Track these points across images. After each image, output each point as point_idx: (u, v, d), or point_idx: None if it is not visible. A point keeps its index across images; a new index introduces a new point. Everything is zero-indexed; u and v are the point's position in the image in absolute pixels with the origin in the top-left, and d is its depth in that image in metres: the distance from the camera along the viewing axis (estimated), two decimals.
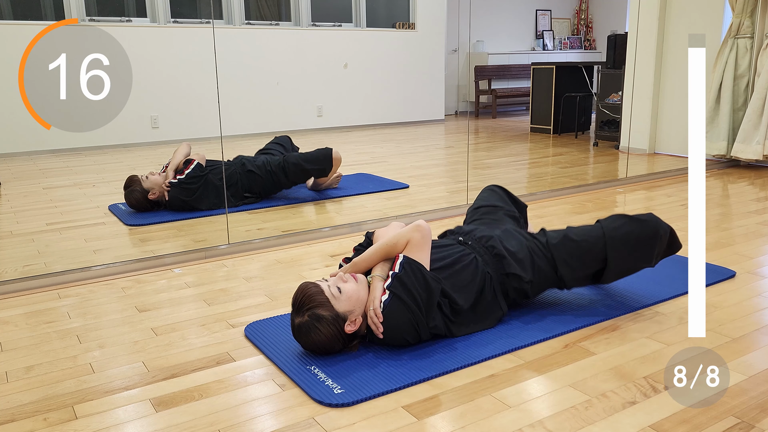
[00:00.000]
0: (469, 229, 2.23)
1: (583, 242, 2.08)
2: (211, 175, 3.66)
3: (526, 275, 2.07)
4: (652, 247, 2.09)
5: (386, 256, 1.96)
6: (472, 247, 2.12)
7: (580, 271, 2.10)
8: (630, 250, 2.08)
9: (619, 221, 2.11)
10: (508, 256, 2.07)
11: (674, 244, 2.16)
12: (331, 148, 3.92)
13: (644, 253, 2.09)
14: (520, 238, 2.15)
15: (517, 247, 2.11)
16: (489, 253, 2.09)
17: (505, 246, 2.10)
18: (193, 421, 1.58)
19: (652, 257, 2.11)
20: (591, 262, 2.09)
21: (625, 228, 2.08)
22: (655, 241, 2.08)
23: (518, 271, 2.06)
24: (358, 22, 7.57)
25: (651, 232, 2.08)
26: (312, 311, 1.79)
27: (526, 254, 2.10)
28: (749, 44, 4.68)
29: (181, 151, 3.72)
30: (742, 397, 1.64)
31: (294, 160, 3.86)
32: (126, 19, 5.99)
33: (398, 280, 1.84)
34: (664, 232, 2.11)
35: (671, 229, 2.14)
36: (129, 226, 3.40)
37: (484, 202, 2.48)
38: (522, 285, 2.07)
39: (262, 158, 3.90)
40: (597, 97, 6.38)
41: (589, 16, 10.23)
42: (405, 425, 1.55)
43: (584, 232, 2.12)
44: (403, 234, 1.94)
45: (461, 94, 9.03)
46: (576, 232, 2.13)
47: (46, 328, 2.16)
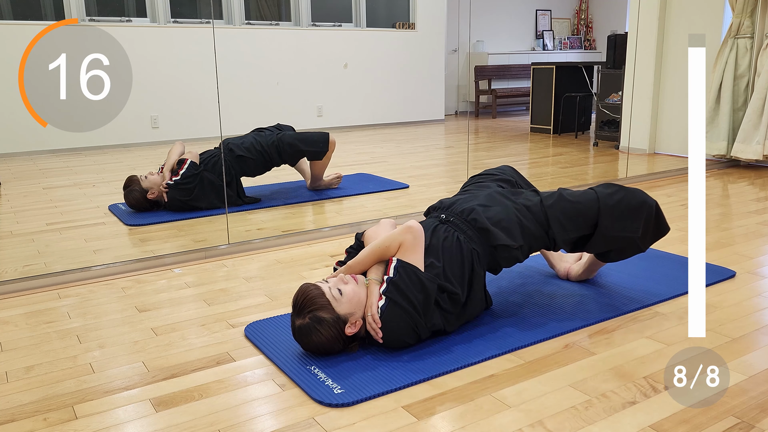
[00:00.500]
0: (450, 202, 2.18)
1: (577, 203, 2.08)
2: (206, 173, 3.64)
3: (515, 242, 2.03)
4: (639, 216, 2.09)
5: (379, 259, 1.95)
6: (454, 224, 2.07)
7: (572, 232, 2.08)
8: (620, 216, 2.08)
9: (611, 188, 2.13)
10: (492, 227, 2.03)
11: (661, 223, 2.16)
12: (328, 132, 3.90)
13: (632, 222, 2.08)
14: (505, 202, 2.12)
15: (502, 213, 2.07)
16: (472, 228, 2.05)
17: (488, 216, 2.06)
18: (193, 421, 1.58)
19: (639, 228, 2.09)
20: (583, 224, 2.08)
21: (617, 195, 2.09)
22: (642, 210, 2.09)
23: (506, 240, 2.02)
24: (358, 22, 7.57)
25: (639, 200, 2.10)
26: (313, 313, 1.79)
27: (513, 219, 2.06)
28: (749, 44, 4.68)
29: (174, 151, 3.71)
30: (742, 397, 1.64)
31: (289, 139, 3.81)
32: (126, 19, 5.99)
33: (393, 285, 1.84)
34: (651, 204, 2.12)
35: (657, 204, 2.14)
36: (129, 226, 3.40)
37: (486, 171, 2.48)
38: (512, 253, 2.05)
39: (250, 139, 3.84)
40: (597, 97, 6.38)
41: (589, 16, 10.23)
42: (405, 425, 1.55)
43: (578, 194, 2.12)
44: (394, 237, 1.92)
45: (461, 94, 9.03)
46: (570, 193, 2.13)
47: (46, 328, 2.16)
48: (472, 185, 2.39)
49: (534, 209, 2.10)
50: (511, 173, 2.50)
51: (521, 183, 2.48)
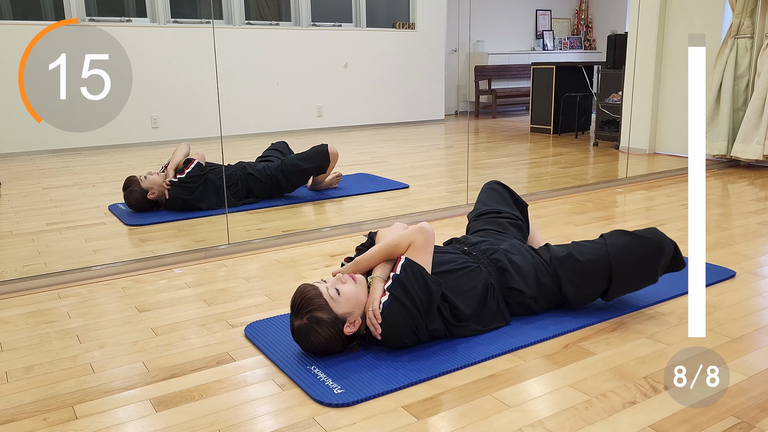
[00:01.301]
0: (475, 241, 2.22)
1: (587, 261, 2.06)
2: (211, 175, 3.67)
3: (528, 291, 2.06)
4: (656, 264, 2.05)
5: (388, 257, 1.96)
6: (476, 257, 2.11)
7: (584, 290, 2.09)
8: (634, 268, 2.05)
9: (623, 239, 2.07)
10: (512, 270, 2.07)
11: (678, 260, 2.11)
12: (326, 144, 3.92)
13: (648, 271, 2.06)
14: (525, 254, 2.14)
15: (521, 261, 2.10)
16: (493, 266, 2.09)
17: (510, 259, 2.09)
18: (193, 421, 1.58)
19: (657, 274, 2.08)
20: (595, 280, 2.07)
21: (629, 246, 2.04)
22: (660, 257, 2.05)
23: (521, 286, 2.06)
24: (358, 22, 7.57)
25: (655, 248, 2.05)
26: (311, 314, 1.79)
27: (531, 270, 2.09)
28: (749, 44, 4.68)
29: (180, 151, 3.73)
30: (742, 397, 1.64)
31: (291, 161, 3.88)
32: (126, 19, 5.99)
33: (399, 282, 1.84)
34: (668, 248, 2.07)
35: (675, 244, 2.10)
36: (129, 226, 3.40)
37: (487, 207, 2.46)
38: (524, 300, 2.07)
39: (261, 164, 3.95)
40: (597, 97, 6.38)
41: (589, 16, 10.23)
42: (405, 425, 1.55)
43: (588, 250, 2.09)
44: (406, 236, 1.93)
45: (461, 94, 9.03)
46: (580, 250, 2.10)
47: (46, 328, 2.16)
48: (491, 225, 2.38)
49: (546, 266, 2.11)
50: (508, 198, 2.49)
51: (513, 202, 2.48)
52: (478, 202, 2.52)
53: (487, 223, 2.39)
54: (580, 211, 3.60)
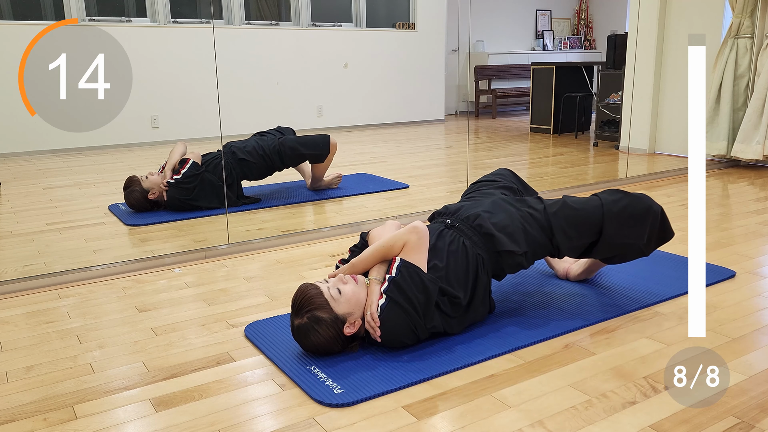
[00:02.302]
0: (456, 208, 2.19)
1: (581, 210, 2.07)
2: (207, 173, 3.65)
3: (519, 248, 2.04)
4: (645, 222, 2.08)
5: (383, 258, 1.96)
6: (460, 229, 2.08)
7: (576, 240, 2.08)
8: (625, 223, 2.07)
9: (616, 195, 2.11)
10: (498, 233, 2.04)
11: (666, 229, 2.14)
12: (329, 135, 3.91)
13: (637, 229, 2.08)
14: (509, 209, 2.12)
15: (506, 220, 2.08)
16: (477, 233, 2.06)
17: (493, 222, 2.07)
18: (193, 421, 1.58)
19: (644, 234, 2.08)
20: (587, 231, 2.07)
21: (622, 201, 2.08)
22: (648, 216, 2.08)
23: (510, 246, 2.03)
24: (358, 22, 7.57)
25: (644, 206, 2.09)
26: (311, 313, 1.79)
27: (518, 225, 2.07)
28: (749, 44, 4.68)
29: (177, 151, 3.72)
30: (742, 397, 1.64)
31: (290, 143, 3.83)
32: (126, 19, 5.99)
33: (395, 284, 1.84)
34: (656, 211, 2.11)
35: (662, 209, 2.13)
36: (129, 226, 3.40)
37: (486, 177, 2.47)
38: (516, 259, 2.05)
39: (252, 142, 3.85)
40: (597, 97, 6.38)
41: (589, 16, 10.23)
42: (405, 425, 1.55)
43: (582, 201, 2.12)
44: (399, 236, 1.93)
45: (461, 94, 9.03)
46: (574, 200, 2.12)
47: (46, 328, 2.16)
48: (475, 192, 2.39)
49: (538, 217, 2.10)
50: (511, 177, 2.50)
51: (522, 188, 2.48)
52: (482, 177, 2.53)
53: (476, 189, 2.40)
54: None
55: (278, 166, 3.86)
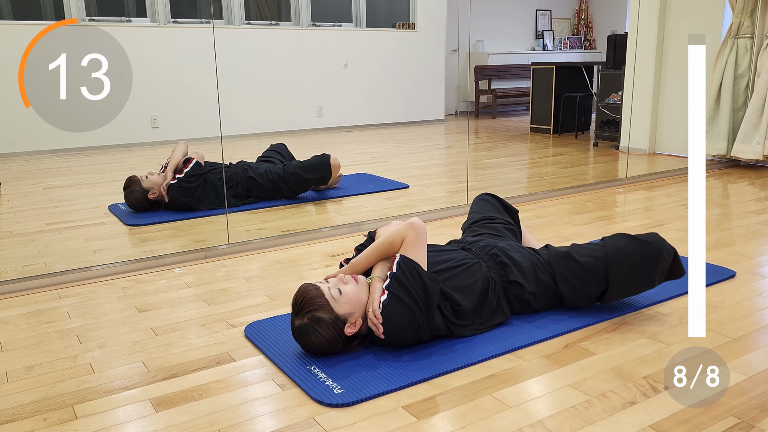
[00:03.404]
0: (474, 239, 2.24)
1: (584, 262, 2.06)
2: (210, 175, 3.66)
3: (528, 285, 2.07)
4: (655, 269, 2.04)
5: (383, 255, 1.96)
6: (476, 253, 2.12)
7: (581, 290, 2.09)
8: (632, 272, 2.04)
9: (623, 241, 2.06)
10: (512, 264, 2.08)
11: (677, 268, 2.11)
12: (329, 154, 3.91)
13: (646, 276, 2.05)
14: (524, 252, 2.16)
15: (521, 258, 2.11)
16: (493, 261, 2.10)
17: (508, 255, 2.11)
18: (193, 421, 1.58)
19: (655, 279, 2.08)
20: (593, 281, 2.07)
21: (628, 249, 2.03)
22: (659, 263, 2.04)
23: (521, 279, 2.07)
24: (358, 22, 7.57)
25: (654, 253, 2.03)
26: (312, 314, 1.79)
27: (530, 267, 2.11)
28: (749, 44, 4.68)
29: (179, 150, 3.72)
30: (742, 397, 1.64)
31: (293, 170, 3.86)
32: (126, 19, 5.99)
33: (396, 280, 1.84)
34: (668, 254, 2.06)
35: (675, 251, 2.09)
36: (129, 226, 3.40)
37: (480, 215, 2.47)
38: (524, 294, 2.08)
39: (264, 166, 3.91)
40: (597, 97, 6.38)
41: (589, 16, 10.23)
42: (405, 425, 1.55)
43: (587, 251, 2.09)
44: (397, 233, 1.94)
45: (461, 94, 9.03)
46: (579, 251, 2.11)
47: (46, 328, 2.16)
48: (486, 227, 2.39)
49: (545, 265, 2.12)
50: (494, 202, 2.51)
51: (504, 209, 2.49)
52: (471, 212, 2.53)
53: (481, 227, 2.40)
54: (580, 211, 3.60)
55: (287, 192, 3.89)
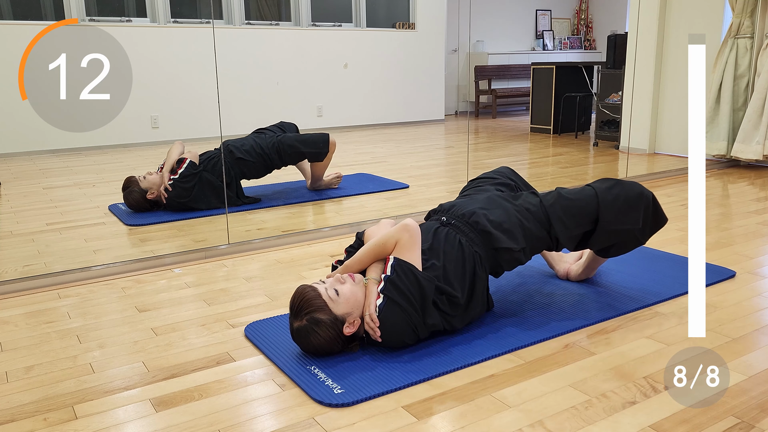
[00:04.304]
0: (450, 205, 2.20)
1: (576, 200, 2.09)
2: (205, 173, 3.64)
3: (516, 245, 2.05)
4: (638, 207, 2.09)
5: (377, 257, 1.96)
6: (456, 226, 2.08)
7: (574, 230, 2.09)
8: (619, 209, 2.08)
9: (608, 182, 2.14)
10: (494, 230, 2.04)
11: (659, 214, 2.16)
12: (328, 133, 3.90)
13: (632, 214, 2.09)
14: (505, 205, 2.14)
15: (502, 216, 2.09)
16: (474, 230, 2.06)
17: (489, 219, 2.07)
18: (193, 421, 1.58)
19: (639, 219, 2.10)
20: (584, 220, 2.09)
21: (615, 189, 2.10)
22: (641, 201, 2.09)
23: (507, 243, 2.04)
24: (358, 22, 7.57)
25: (637, 192, 2.11)
26: (310, 315, 1.79)
27: (514, 221, 2.08)
28: (749, 44, 4.68)
29: (174, 151, 3.71)
30: (742, 397, 1.64)
31: (290, 141, 3.82)
32: (126, 19, 5.99)
33: (391, 283, 1.84)
34: (648, 196, 2.13)
35: (653, 195, 2.15)
36: (129, 226, 3.40)
37: (484, 175, 2.49)
38: (514, 255, 2.06)
39: (250, 141, 3.84)
40: (597, 97, 6.38)
41: (589, 16, 10.23)
42: (405, 425, 1.55)
43: (576, 191, 2.14)
44: (391, 235, 1.93)
45: (461, 94, 9.03)
46: (568, 191, 2.14)
47: (46, 328, 2.16)
48: (471, 189, 2.40)
49: (534, 210, 2.11)
50: (510, 174, 2.51)
51: (520, 185, 2.48)
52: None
53: (473, 186, 2.42)
54: None
55: (277, 164, 3.85)
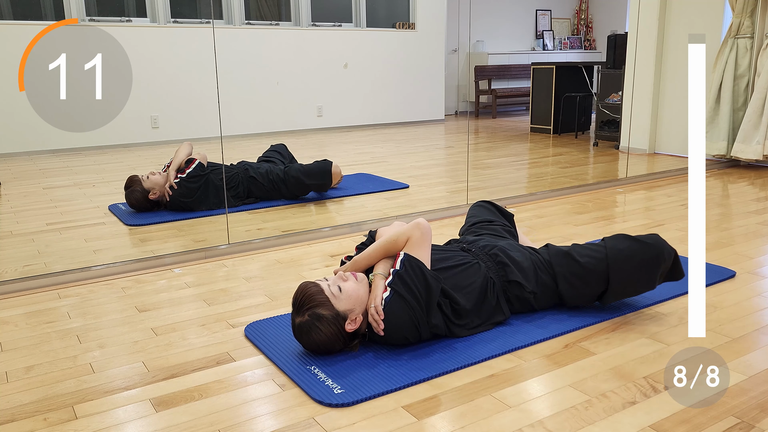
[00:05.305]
0: (473, 239, 2.25)
1: (585, 262, 2.07)
2: (212, 175, 3.66)
3: (528, 285, 2.08)
4: (655, 271, 2.05)
5: (387, 253, 1.97)
6: (475, 254, 2.13)
7: (580, 290, 2.10)
8: (632, 273, 2.05)
9: (624, 243, 2.06)
10: (511, 264, 2.08)
11: (677, 270, 2.11)
12: (331, 161, 3.91)
13: (647, 277, 2.06)
14: (524, 252, 2.16)
15: (521, 258, 2.12)
16: (492, 261, 2.10)
17: (508, 255, 2.11)
18: (193, 421, 1.58)
19: (655, 281, 2.08)
20: (592, 282, 2.07)
21: (629, 251, 2.04)
22: (659, 264, 2.04)
23: (520, 279, 2.07)
24: (358, 22, 7.57)
25: (655, 255, 2.04)
26: (312, 311, 1.79)
27: (530, 266, 2.11)
28: (749, 44, 4.68)
29: (183, 151, 3.72)
30: (742, 397, 1.64)
31: (294, 173, 3.86)
32: (126, 19, 5.99)
33: (399, 278, 1.85)
34: (668, 255, 2.06)
35: (675, 252, 2.09)
36: (129, 226, 3.40)
37: (478, 218, 2.48)
38: (524, 294, 2.08)
39: (265, 166, 3.92)
40: (597, 97, 6.38)
41: (589, 16, 10.23)
42: (405, 425, 1.55)
43: (587, 252, 2.10)
44: (403, 232, 1.95)
45: (461, 94, 9.03)
46: (579, 251, 2.11)
47: (46, 328, 2.16)
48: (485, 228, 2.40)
49: (545, 265, 2.13)
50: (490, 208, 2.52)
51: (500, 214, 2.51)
52: (468, 216, 2.54)
53: (480, 228, 2.42)
54: (580, 211, 3.60)
55: (286, 194, 3.89)
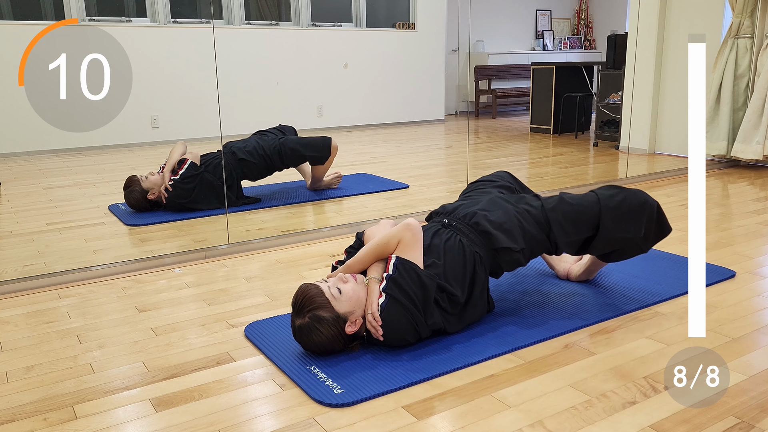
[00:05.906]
0: (453, 208, 2.22)
1: (578, 206, 2.10)
2: (206, 174, 3.64)
3: (516, 245, 2.05)
4: (641, 216, 2.10)
5: (378, 257, 1.96)
6: (456, 228, 2.09)
7: (573, 235, 2.10)
8: (621, 218, 2.08)
9: (612, 190, 2.14)
10: (494, 230, 2.05)
11: (663, 224, 2.16)
12: (330, 137, 3.91)
13: (634, 223, 2.10)
14: (506, 206, 2.14)
15: (503, 217, 2.09)
16: (474, 231, 2.07)
17: (489, 220, 2.08)
18: (193, 421, 1.58)
19: (641, 228, 2.10)
20: (584, 226, 2.09)
21: (618, 196, 2.10)
22: (644, 210, 2.10)
23: (507, 243, 2.04)
24: (358, 22, 7.57)
25: (640, 201, 2.11)
26: (313, 312, 1.79)
27: (514, 222, 2.08)
28: (749, 44, 4.68)
29: (176, 152, 3.71)
30: (742, 397, 1.64)
31: (292, 144, 3.83)
32: (126, 19, 5.99)
33: (393, 282, 1.84)
34: (652, 205, 2.13)
35: (658, 204, 2.15)
36: (129, 226, 3.40)
37: (484, 178, 2.50)
38: (513, 256, 2.06)
39: (252, 142, 3.85)
40: (597, 97, 6.38)
41: (589, 16, 10.23)
42: (405, 425, 1.55)
43: (579, 197, 2.14)
44: (393, 234, 1.93)
45: (461, 94, 9.03)
46: (571, 197, 2.14)
47: (46, 328, 2.16)
48: (473, 191, 2.41)
49: (535, 213, 2.11)
50: (509, 179, 2.51)
51: (520, 189, 2.49)
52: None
53: (473, 189, 2.43)
54: None
55: (278, 166, 3.86)
